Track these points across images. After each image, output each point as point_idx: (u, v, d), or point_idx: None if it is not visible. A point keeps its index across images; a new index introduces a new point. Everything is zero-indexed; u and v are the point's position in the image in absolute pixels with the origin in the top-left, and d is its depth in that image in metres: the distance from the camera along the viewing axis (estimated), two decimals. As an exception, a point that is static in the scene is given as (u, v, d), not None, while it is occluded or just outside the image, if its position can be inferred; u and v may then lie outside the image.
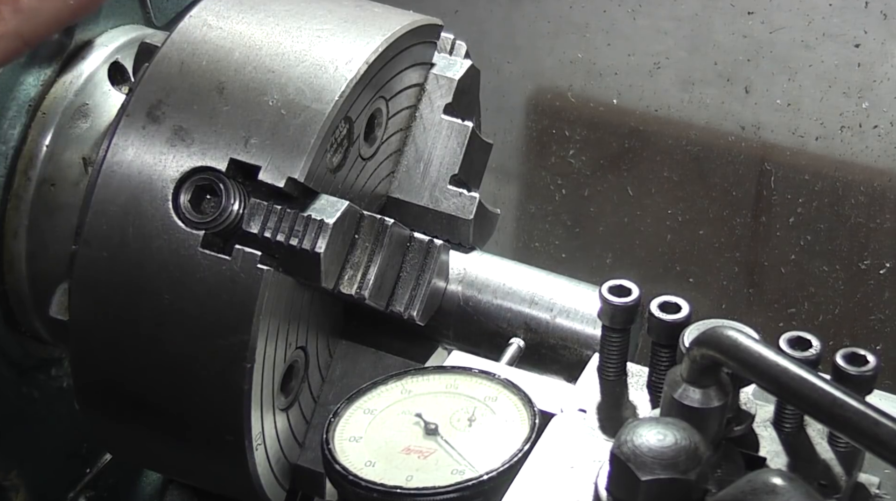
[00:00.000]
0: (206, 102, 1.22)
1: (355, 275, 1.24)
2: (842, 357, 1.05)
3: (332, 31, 1.27)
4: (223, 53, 1.25)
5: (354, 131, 1.25)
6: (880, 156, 1.91)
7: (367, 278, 1.24)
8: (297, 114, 1.21)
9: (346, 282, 1.24)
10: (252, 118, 1.21)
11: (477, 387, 1.22)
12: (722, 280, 2.05)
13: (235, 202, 1.20)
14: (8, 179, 1.34)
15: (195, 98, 1.23)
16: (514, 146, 2.11)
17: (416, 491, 1.12)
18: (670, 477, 0.96)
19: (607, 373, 1.18)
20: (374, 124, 1.30)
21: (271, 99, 1.22)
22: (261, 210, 1.19)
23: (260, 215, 1.19)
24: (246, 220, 1.19)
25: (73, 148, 1.36)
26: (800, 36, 1.90)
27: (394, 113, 1.32)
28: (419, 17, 1.33)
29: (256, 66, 1.24)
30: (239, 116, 1.21)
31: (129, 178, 1.22)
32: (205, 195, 1.21)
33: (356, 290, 1.24)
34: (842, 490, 1.06)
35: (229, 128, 1.21)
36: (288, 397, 1.28)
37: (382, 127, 1.31)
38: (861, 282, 1.97)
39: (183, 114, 1.22)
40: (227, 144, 1.20)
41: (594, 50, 2.03)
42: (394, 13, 1.32)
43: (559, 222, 2.12)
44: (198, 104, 1.22)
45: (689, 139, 2.02)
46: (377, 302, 1.27)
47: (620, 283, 1.17)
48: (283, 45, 1.25)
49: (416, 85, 1.35)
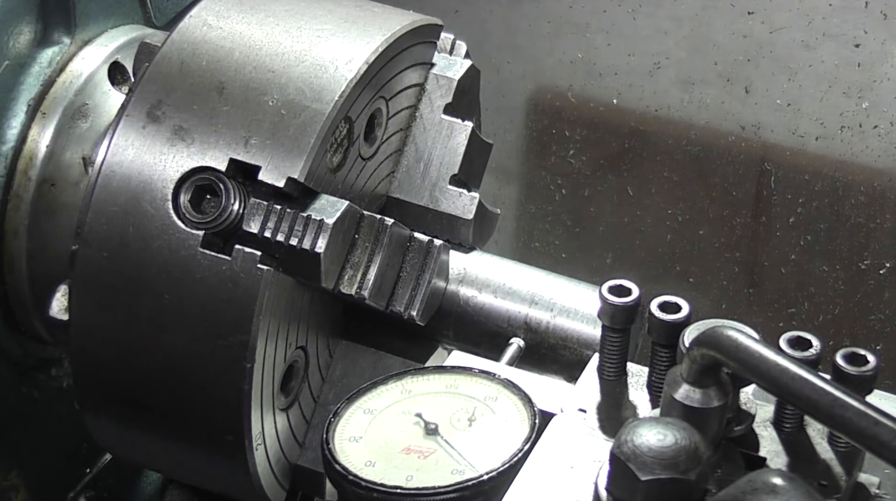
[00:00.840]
0: (206, 102, 1.22)
1: (355, 275, 1.24)
2: (842, 357, 1.05)
3: (332, 31, 1.26)
4: (223, 53, 1.25)
5: (354, 131, 1.25)
6: (880, 156, 1.91)
7: (367, 278, 1.24)
8: (298, 114, 1.21)
9: (346, 282, 1.24)
10: (252, 118, 1.21)
11: (477, 387, 1.22)
12: (722, 280, 2.05)
13: (235, 202, 1.20)
14: (8, 179, 1.34)
15: (195, 98, 1.23)
16: (514, 146, 2.11)
17: (416, 491, 1.12)
18: (670, 477, 0.96)
19: (607, 373, 1.18)
20: (374, 124, 1.30)
21: (271, 99, 1.22)
22: (261, 210, 1.19)
23: (260, 215, 1.19)
24: (246, 220, 1.19)
25: (73, 148, 1.37)
26: (800, 36, 1.90)
27: (394, 113, 1.32)
28: (419, 17, 1.33)
29: (256, 66, 1.24)
30: (239, 116, 1.21)
31: (129, 178, 1.22)
32: (205, 195, 1.21)
33: (356, 290, 1.24)
34: (842, 490, 1.05)
35: (229, 128, 1.21)
36: (288, 397, 1.28)
37: (382, 127, 1.31)
38: (861, 282, 1.97)
39: (183, 114, 1.22)
40: (227, 144, 1.20)
41: (594, 50, 2.03)
42: (394, 13, 1.32)
43: (559, 222, 2.12)
44: (198, 104, 1.22)
45: (689, 139, 2.02)
46: (377, 302, 1.27)
47: (620, 283, 1.17)
48: (283, 45, 1.25)
49: (416, 85, 1.35)
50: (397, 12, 1.33)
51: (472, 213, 1.35)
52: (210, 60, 1.25)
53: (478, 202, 1.35)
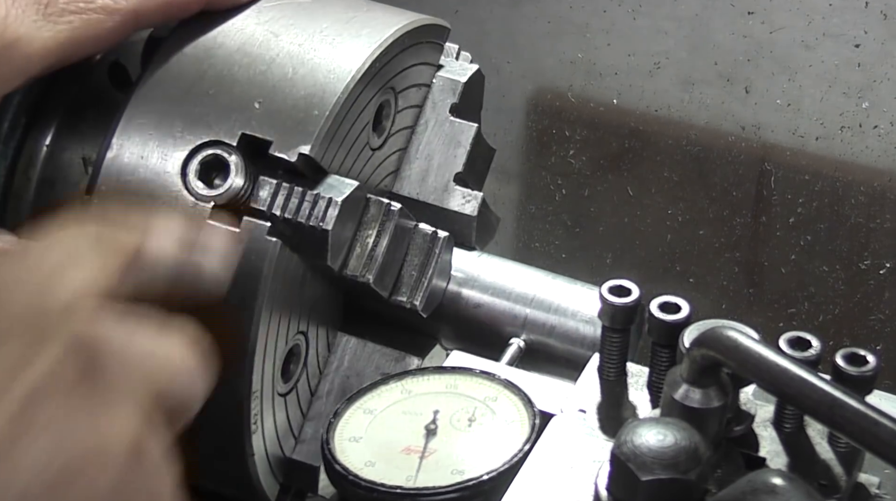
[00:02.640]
0: (211, 89, 1.22)
1: (361, 256, 1.24)
2: (842, 357, 1.05)
3: (339, 31, 1.27)
4: (231, 45, 1.25)
5: (364, 118, 1.26)
6: (880, 156, 1.91)
7: (373, 262, 1.24)
8: (310, 96, 1.21)
9: (352, 263, 1.24)
10: (262, 95, 1.21)
11: (477, 387, 1.22)
12: (722, 280, 2.05)
13: (242, 178, 1.19)
14: (8, 179, 1.34)
15: (199, 88, 1.23)
16: (514, 146, 2.11)
17: (416, 491, 1.12)
18: (670, 477, 0.96)
19: (607, 373, 1.18)
20: (383, 115, 1.31)
21: (281, 82, 1.22)
22: (269, 186, 1.19)
23: (268, 191, 1.19)
24: (254, 196, 1.19)
25: (73, 148, 1.36)
26: (800, 36, 1.90)
27: (402, 108, 1.33)
28: (427, 17, 1.34)
29: (266, 59, 1.24)
30: (247, 97, 1.22)
31: (135, 171, 1.22)
32: (212, 173, 1.20)
33: (362, 271, 1.24)
34: (842, 490, 1.06)
35: (237, 109, 1.21)
36: (287, 383, 1.28)
37: (391, 119, 1.32)
38: (861, 282, 1.97)
39: (187, 104, 1.22)
40: (237, 121, 1.21)
41: (594, 50, 2.03)
42: (402, 12, 1.33)
43: (559, 222, 2.12)
44: (202, 92, 1.22)
45: (689, 139, 2.02)
46: (381, 288, 1.27)
47: (620, 283, 1.17)
48: (293, 38, 1.25)
49: (423, 84, 1.36)
50: (405, 12, 1.33)
51: (476, 210, 1.35)
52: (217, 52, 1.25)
53: (481, 200, 1.36)
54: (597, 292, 1.17)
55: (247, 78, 1.23)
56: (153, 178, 1.21)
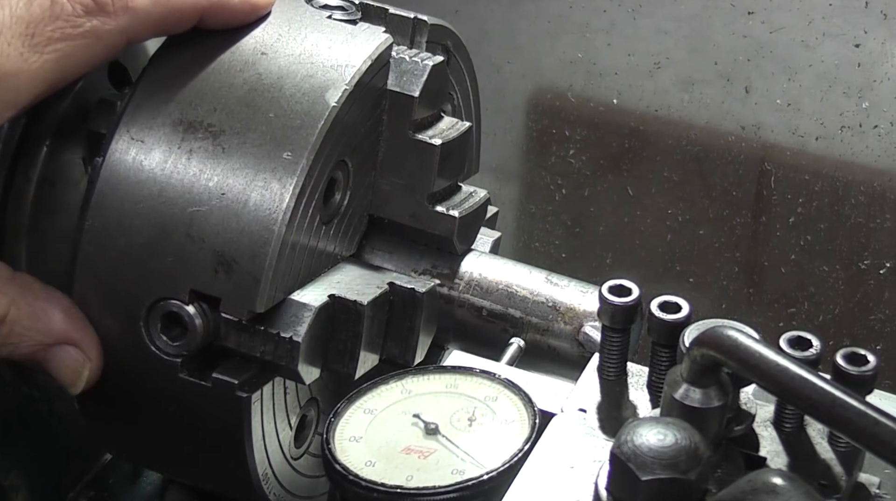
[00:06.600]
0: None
1: (341, 358, 1.24)
2: (842, 357, 1.05)
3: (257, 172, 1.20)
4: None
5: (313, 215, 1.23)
6: (880, 156, 1.91)
7: (355, 361, 1.24)
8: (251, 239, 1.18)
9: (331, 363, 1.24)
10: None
11: (477, 387, 1.22)
12: (722, 280, 2.05)
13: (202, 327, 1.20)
14: (8, 179, 1.34)
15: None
16: (514, 146, 2.11)
17: (416, 491, 1.12)
18: (670, 477, 0.96)
19: (607, 373, 1.18)
20: (334, 189, 1.27)
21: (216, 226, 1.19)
22: (230, 328, 1.19)
23: (230, 334, 1.20)
24: (221, 337, 1.20)
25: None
26: (800, 36, 1.90)
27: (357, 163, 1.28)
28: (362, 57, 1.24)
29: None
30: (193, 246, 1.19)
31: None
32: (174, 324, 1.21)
33: (343, 371, 1.25)
34: (842, 490, 1.06)
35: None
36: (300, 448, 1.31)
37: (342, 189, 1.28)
38: (861, 282, 1.97)
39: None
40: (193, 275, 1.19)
41: (594, 50, 2.03)
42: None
43: (559, 222, 2.12)
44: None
45: (689, 139, 2.02)
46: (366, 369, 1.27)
47: (620, 283, 1.17)
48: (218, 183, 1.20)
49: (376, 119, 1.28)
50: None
51: (454, 232, 1.32)
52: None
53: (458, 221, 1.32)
54: (596, 291, 1.17)
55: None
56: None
